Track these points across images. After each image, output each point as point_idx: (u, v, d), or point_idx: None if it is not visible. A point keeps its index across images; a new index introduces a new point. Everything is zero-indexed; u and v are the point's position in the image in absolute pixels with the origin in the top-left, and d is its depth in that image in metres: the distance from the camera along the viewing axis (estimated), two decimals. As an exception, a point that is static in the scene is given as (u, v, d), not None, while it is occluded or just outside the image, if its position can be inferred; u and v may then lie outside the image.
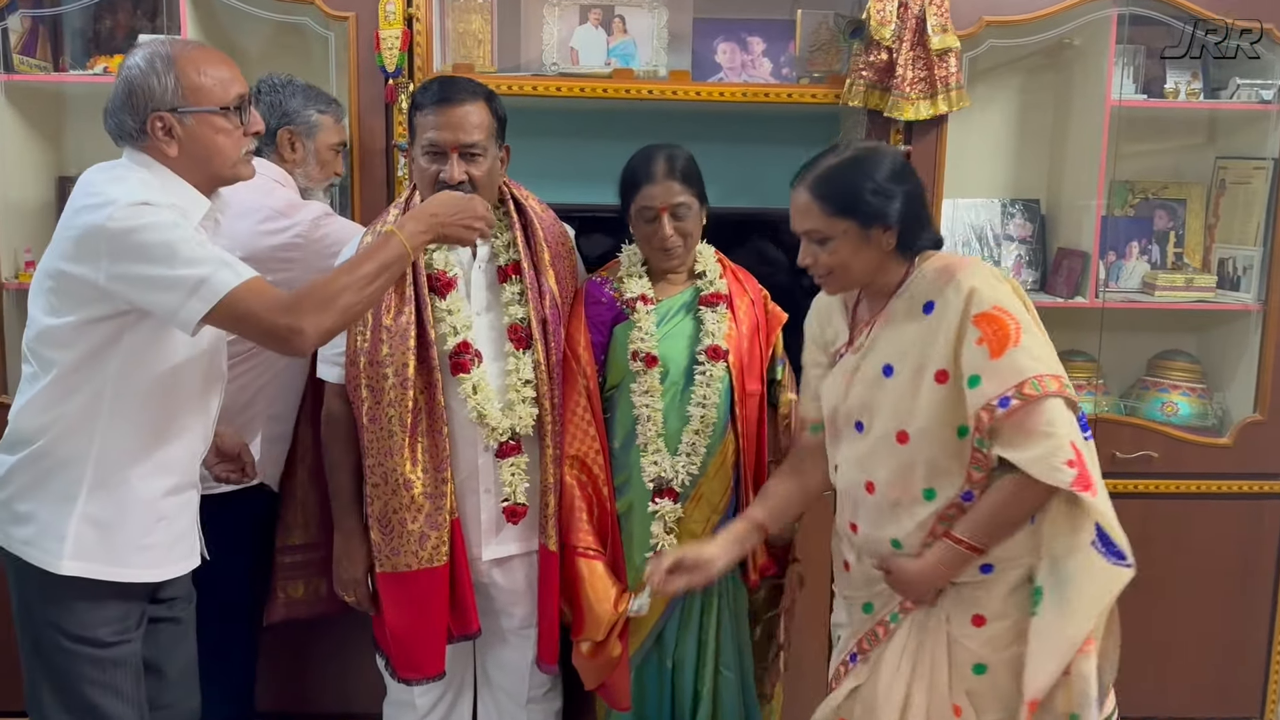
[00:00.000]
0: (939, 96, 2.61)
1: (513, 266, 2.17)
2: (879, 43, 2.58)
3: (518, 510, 2.14)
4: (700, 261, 2.26)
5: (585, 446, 2.18)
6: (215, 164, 1.83)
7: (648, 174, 2.15)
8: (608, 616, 2.15)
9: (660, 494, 2.16)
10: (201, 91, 1.79)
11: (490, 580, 2.23)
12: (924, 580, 1.86)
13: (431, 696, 2.31)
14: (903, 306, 1.87)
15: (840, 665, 2.04)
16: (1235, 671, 2.94)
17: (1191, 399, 2.95)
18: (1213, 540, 2.86)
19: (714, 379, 2.17)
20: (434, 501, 2.09)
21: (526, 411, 2.12)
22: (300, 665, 2.79)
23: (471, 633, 2.19)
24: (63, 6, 2.72)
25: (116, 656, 1.84)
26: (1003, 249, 3.01)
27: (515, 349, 2.14)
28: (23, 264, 2.75)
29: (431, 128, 2.05)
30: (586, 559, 2.17)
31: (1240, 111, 2.88)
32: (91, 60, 2.79)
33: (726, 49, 2.82)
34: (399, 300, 2.08)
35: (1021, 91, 3.06)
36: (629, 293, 2.20)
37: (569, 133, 2.84)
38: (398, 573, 2.10)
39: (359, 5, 2.56)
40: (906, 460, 1.84)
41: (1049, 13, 2.69)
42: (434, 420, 2.09)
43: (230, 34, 2.82)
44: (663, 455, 2.16)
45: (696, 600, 2.21)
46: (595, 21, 2.79)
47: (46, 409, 1.78)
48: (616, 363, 2.21)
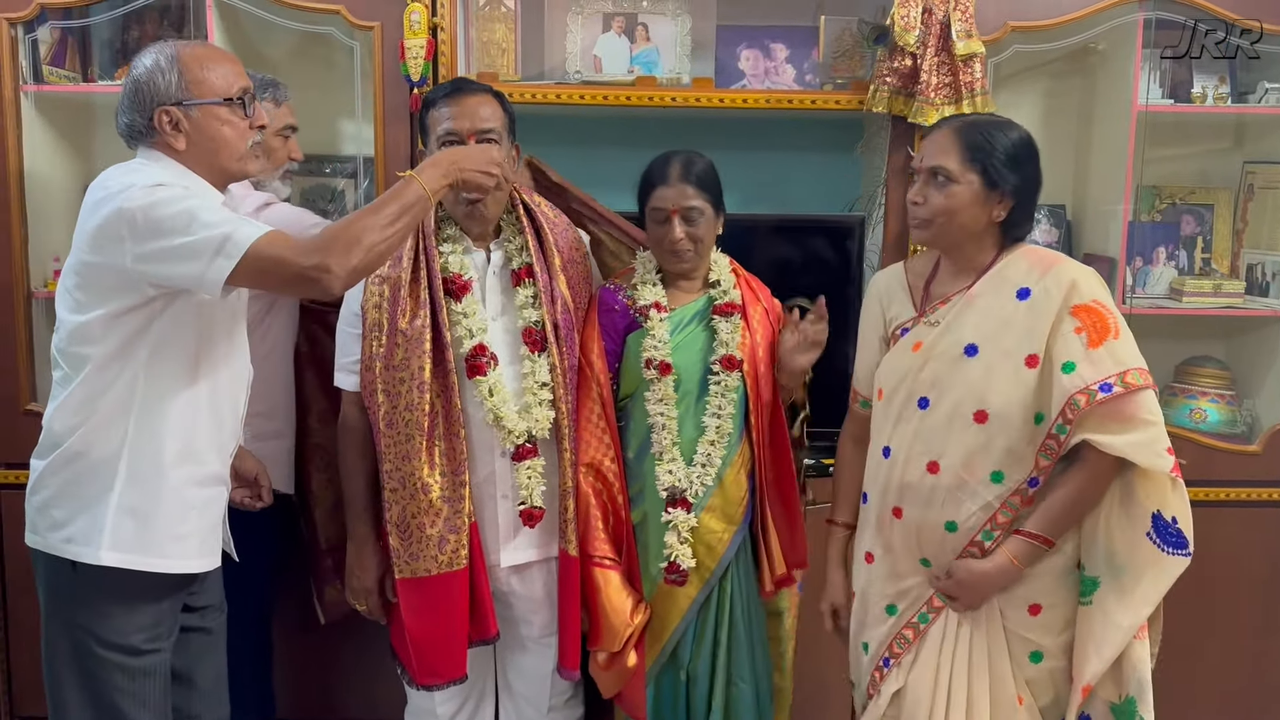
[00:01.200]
0: (964, 102, 2.60)
1: (525, 270, 2.17)
2: (903, 49, 2.57)
3: (535, 514, 2.14)
4: (715, 270, 2.26)
5: (600, 454, 2.19)
6: (222, 157, 1.88)
7: (662, 176, 2.17)
8: (623, 627, 2.16)
9: (674, 504, 2.16)
10: (204, 85, 1.85)
11: (510, 589, 2.24)
12: (995, 580, 1.91)
13: (453, 705, 2.31)
14: (990, 288, 1.93)
15: (874, 672, 2.06)
16: (1264, 681, 2.91)
17: (1220, 405, 2.92)
18: (1241, 548, 2.83)
19: (729, 389, 2.18)
20: (452, 505, 2.09)
21: (543, 414, 2.13)
22: (323, 671, 2.81)
23: (490, 637, 2.18)
24: (91, 18, 2.75)
25: (147, 666, 1.87)
26: (1028, 255, 3.00)
27: (530, 352, 2.14)
28: (52, 273, 2.78)
29: (447, 119, 2.09)
30: (602, 569, 2.18)
31: (1269, 115, 2.86)
32: (120, 70, 2.82)
33: (750, 56, 2.83)
34: (414, 304, 2.09)
35: (1047, 96, 3.04)
36: (642, 300, 2.21)
37: (593, 140, 2.85)
38: (417, 578, 2.11)
39: (384, 15, 2.58)
40: (982, 441, 1.89)
41: (1074, 18, 2.68)
42: (451, 423, 2.10)
43: (256, 44, 2.85)
44: (677, 464, 2.17)
45: (711, 614, 2.21)
46: (618, 29, 2.80)
47: (80, 408, 1.81)
48: (630, 371, 2.22)
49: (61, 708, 1.89)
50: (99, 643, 1.83)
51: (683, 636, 2.22)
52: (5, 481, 2.72)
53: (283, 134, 2.43)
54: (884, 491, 2.01)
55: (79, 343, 1.81)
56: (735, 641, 2.22)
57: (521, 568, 2.22)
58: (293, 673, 2.76)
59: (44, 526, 1.84)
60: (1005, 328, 1.89)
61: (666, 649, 2.22)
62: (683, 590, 2.17)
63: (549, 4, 2.82)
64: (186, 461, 1.86)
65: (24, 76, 2.68)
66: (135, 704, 1.87)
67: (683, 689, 2.25)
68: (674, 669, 2.24)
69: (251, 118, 1.91)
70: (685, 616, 2.20)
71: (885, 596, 2.03)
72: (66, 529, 1.82)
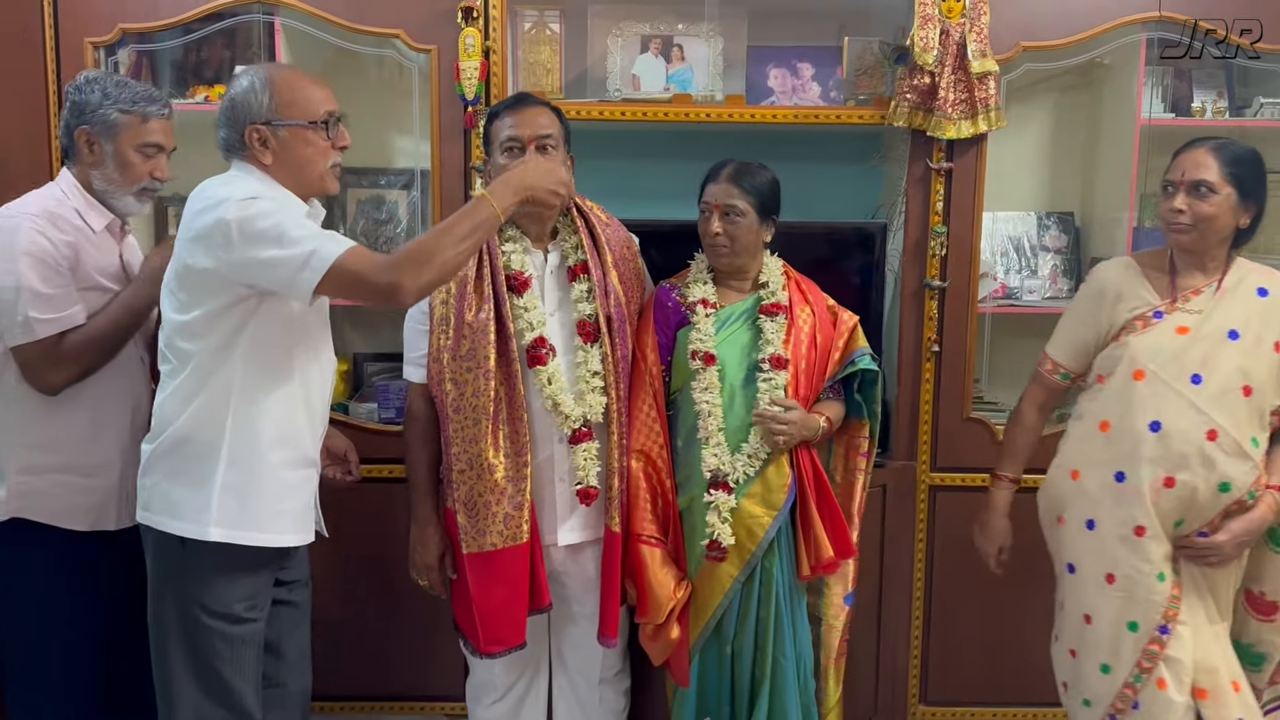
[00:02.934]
0: (979, 117, 2.79)
1: (580, 267, 2.36)
2: (922, 67, 2.77)
3: (590, 493, 2.32)
4: (765, 272, 2.45)
5: (650, 442, 2.37)
6: (305, 174, 2.07)
7: (715, 174, 2.39)
8: (667, 600, 2.34)
9: (716, 486, 2.32)
10: (292, 107, 2.03)
11: (564, 569, 2.42)
12: (1260, 527, 2.24)
13: (511, 676, 2.50)
14: (1235, 284, 2.29)
15: (1151, 645, 2.26)
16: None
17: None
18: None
19: (775, 386, 2.34)
20: (515, 484, 2.27)
21: (596, 400, 2.31)
22: (379, 650, 2.99)
23: (544, 607, 2.35)
24: (165, 42, 2.96)
25: (245, 634, 2.06)
26: (1039, 259, 3.19)
27: (584, 343, 2.33)
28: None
29: (509, 126, 2.29)
30: (649, 546, 2.36)
31: (1266, 128, 3.03)
32: (192, 89, 3.03)
33: (778, 74, 3.01)
34: (479, 299, 2.28)
35: (1056, 110, 3.24)
36: (692, 297, 2.40)
37: (632, 154, 3.04)
38: (484, 552, 2.29)
39: (440, 39, 2.78)
40: (1249, 410, 2.23)
41: (1082, 38, 2.86)
42: (514, 409, 2.28)
43: (321, 65, 3.03)
44: (722, 449, 2.33)
45: (754, 592, 2.37)
46: (655, 50, 3.00)
47: (186, 398, 2.01)
48: (680, 364, 2.39)
49: (168, 677, 2.06)
50: (205, 612, 2.02)
51: (726, 612, 2.37)
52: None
53: (144, 150, 2.28)
54: (1154, 463, 2.24)
55: (184, 338, 2.01)
56: (778, 620, 2.38)
57: (575, 548, 2.40)
58: (353, 652, 2.95)
59: (155, 506, 2.04)
60: (1255, 318, 2.25)
61: (710, 624, 2.38)
62: (724, 569, 2.34)
63: (591, 27, 3.01)
64: (282, 445, 2.05)
65: (106, 96, 2.88)
66: (233, 670, 2.05)
67: (728, 663, 2.41)
68: (718, 643, 2.40)
69: (333, 139, 2.09)
70: (727, 594, 2.36)
71: (1155, 565, 2.25)
72: (178, 505, 2.01)
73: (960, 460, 2.95)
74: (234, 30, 2.99)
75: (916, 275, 2.90)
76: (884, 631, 3.00)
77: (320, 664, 2.77)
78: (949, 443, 2.95)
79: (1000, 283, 3.11)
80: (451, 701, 2.93)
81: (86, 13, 2.80)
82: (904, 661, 3.03)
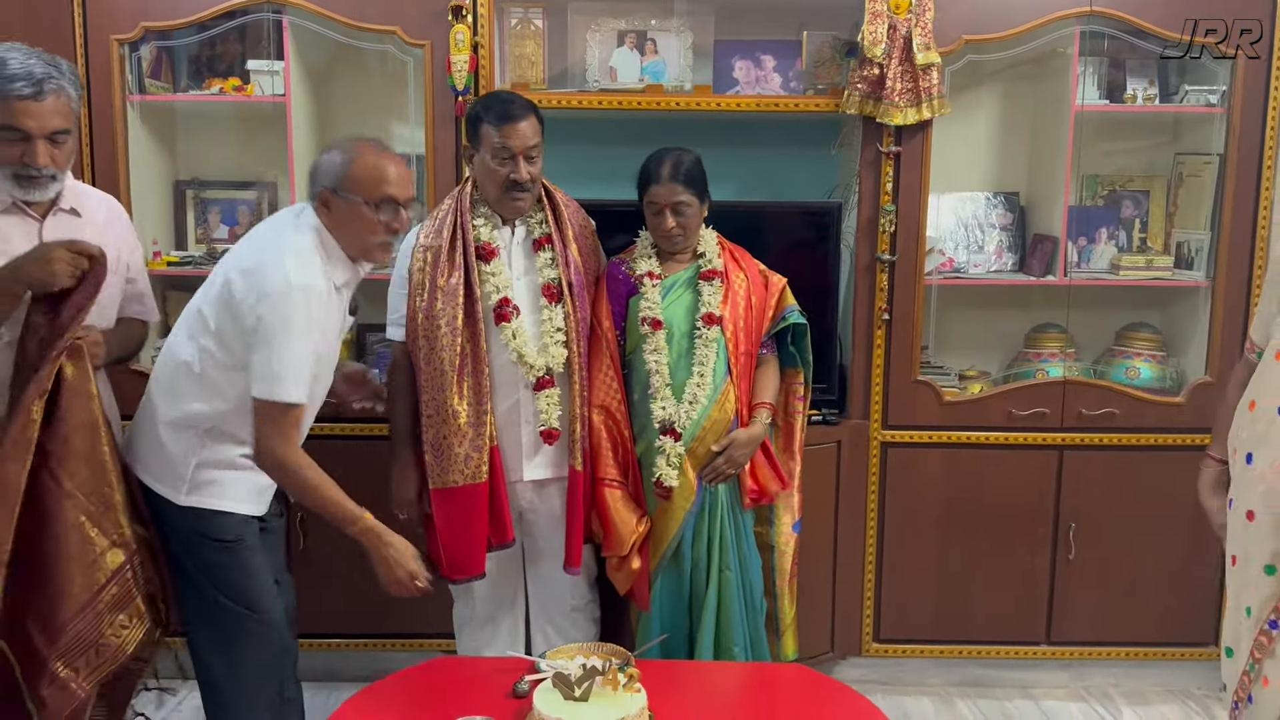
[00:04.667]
0: (923, 105, 3.06)
1: (545, 239, 2.66)
2: (871, 60, 3.03)
3: (553, 434, 2.62)
4: (702, 244, 2.75)
5: (609, 397, 2.68)
6: (356, 243, 2.28)
7: (656, 175, 2.64)
8: (629, 535, 2.65)
9: (665, 433, 2.63)
10: (358, 183, 2.24)
11: (531, 506, 2.72)
12: None
13: (490, 608, 2.80)
14: None
15: (1260, 636, 2.08)
16: (1190, 603, 3.35)
17: (1152, 364, 3.37)
18: (1168, 487, 3.26)
19: (710, 340, 2.65)
20: (476, 429, 2.58)
21: (558, 352, 2.61)
22: (376, 591, 3.26)
23: (508, 542, 2.66)
24: (183, 39, 3.24)
25: (236, 548, 2.34)
26: (986, 235, 3.46)
27: (549, 303, 2.63)
28: (151, 254, 3.27)
29: (505, 137, 2.55)
30: (610, 489, 2.67)
31: (1194, 114, 3.29)
32: (207, 82, 3.30)
33: (743, 66, 3.28)
34: (450, 266, 2.59)
35: (1002, 97, 3.50)
36: (639, 270, 2.71)
37: (609, 140, 3.30)
38: (447, 488, 2.60)
39: (433, 34, 3.05)
40: None
41: (1020, 31, 3.13)
42: (477, 363, 2.59)
43: (325, 58, 3.33)
44: (670, 402, 2.64)
45: (705, 519, 2.68)
46: (631, 44, 3.27)
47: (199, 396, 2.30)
48: (633, 329, 2.70)
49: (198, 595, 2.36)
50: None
51: (682, 540, 2.67)
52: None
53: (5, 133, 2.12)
54: (1274, 446, 2.04)
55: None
56: (723, 537, 2.69)
57: (541, 486, 2.70)
58: (350, 594, 3.22)
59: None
60: None
61: (667, 553, 2.68)
62: (677, 504, 2.64)
63: (572, 24, 3.28)
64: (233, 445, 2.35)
65: (129, 88, 3.16)
66: (240, 572, 2.34)
67: (686, 581, 2.71)
68: (677, 570, 2.71)
69: (386, 220, 2.26)
70: (680, 527, 2.66)
71: (1263, 555, 2.07)
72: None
73: (909, 419, 3.24)
74: (246, 27, 3.26)
75: (869, 250, 3.18)
76: (839, 575, 3.29)
77: (321, 605, 3.06)
78: (899, 403, 3.24)
79: (948, 257, 3.38)
80: (444, 638, 3.18)
81: (112, 11, 3.08)
82: (858, 602, 3.32)
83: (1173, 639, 3.37)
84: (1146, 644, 3.37)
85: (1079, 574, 3.30)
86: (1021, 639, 3.36)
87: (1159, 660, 3.38)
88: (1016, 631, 3.36)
